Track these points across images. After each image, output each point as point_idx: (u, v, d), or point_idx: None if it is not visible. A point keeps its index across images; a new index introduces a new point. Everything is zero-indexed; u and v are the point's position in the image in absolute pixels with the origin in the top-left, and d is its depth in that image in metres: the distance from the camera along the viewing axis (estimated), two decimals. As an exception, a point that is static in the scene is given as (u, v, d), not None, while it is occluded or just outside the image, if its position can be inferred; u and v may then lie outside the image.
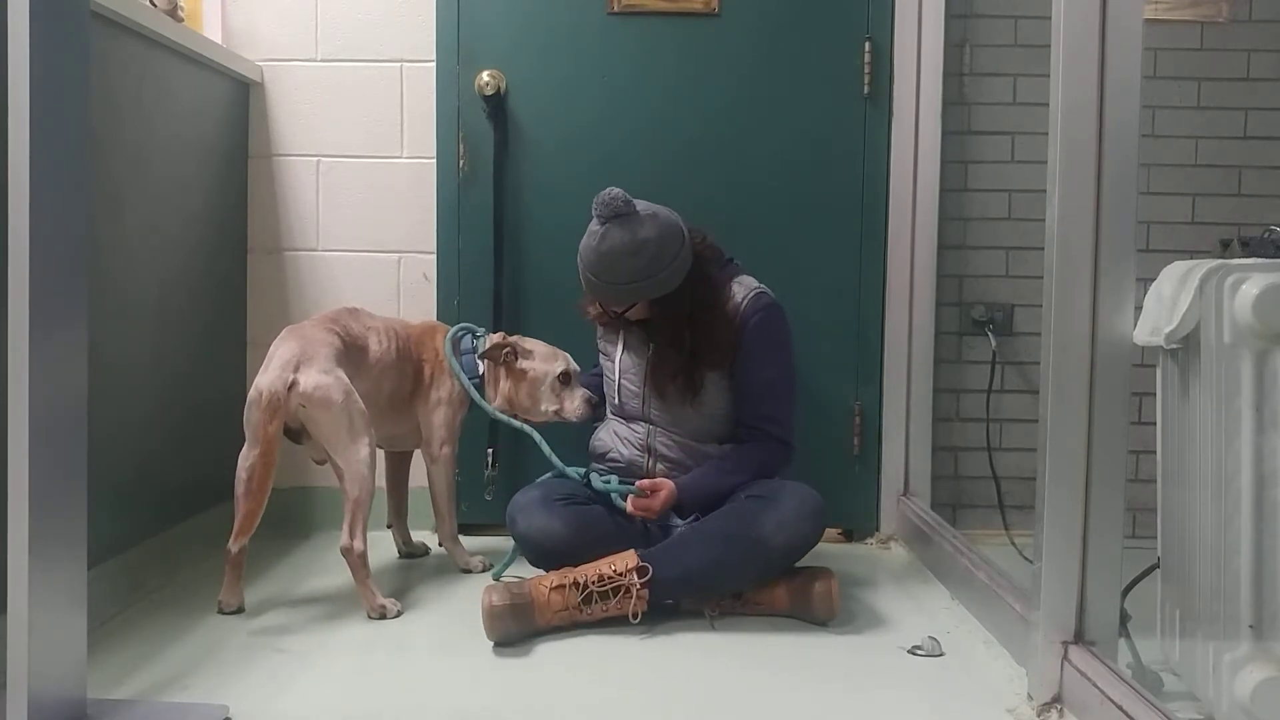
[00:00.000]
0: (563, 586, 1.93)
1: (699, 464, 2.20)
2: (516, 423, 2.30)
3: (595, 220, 2.08)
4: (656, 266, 2.06)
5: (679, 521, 2.19)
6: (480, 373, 2.31)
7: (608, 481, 2.18)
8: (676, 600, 2.02)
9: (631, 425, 2.26)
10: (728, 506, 2.06)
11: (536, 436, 2.25)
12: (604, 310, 2.20)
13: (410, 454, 2.47)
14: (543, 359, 2.30)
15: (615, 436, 2.27)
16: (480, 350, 2.30)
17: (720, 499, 2.11)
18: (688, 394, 2.15)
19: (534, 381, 2.29)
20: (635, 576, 1.93)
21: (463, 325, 2.38)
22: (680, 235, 2.11)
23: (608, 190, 2.07)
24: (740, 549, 1.98)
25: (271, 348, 2.05)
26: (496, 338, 2.32)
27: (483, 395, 2.31)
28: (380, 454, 2.32)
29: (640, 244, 2.04)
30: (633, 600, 1.93)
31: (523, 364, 2.29)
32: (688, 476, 2.15)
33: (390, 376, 2.22)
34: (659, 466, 2.22)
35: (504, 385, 2.31)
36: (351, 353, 2.11)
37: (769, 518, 1.98)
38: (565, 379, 2.29)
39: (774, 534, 1.98)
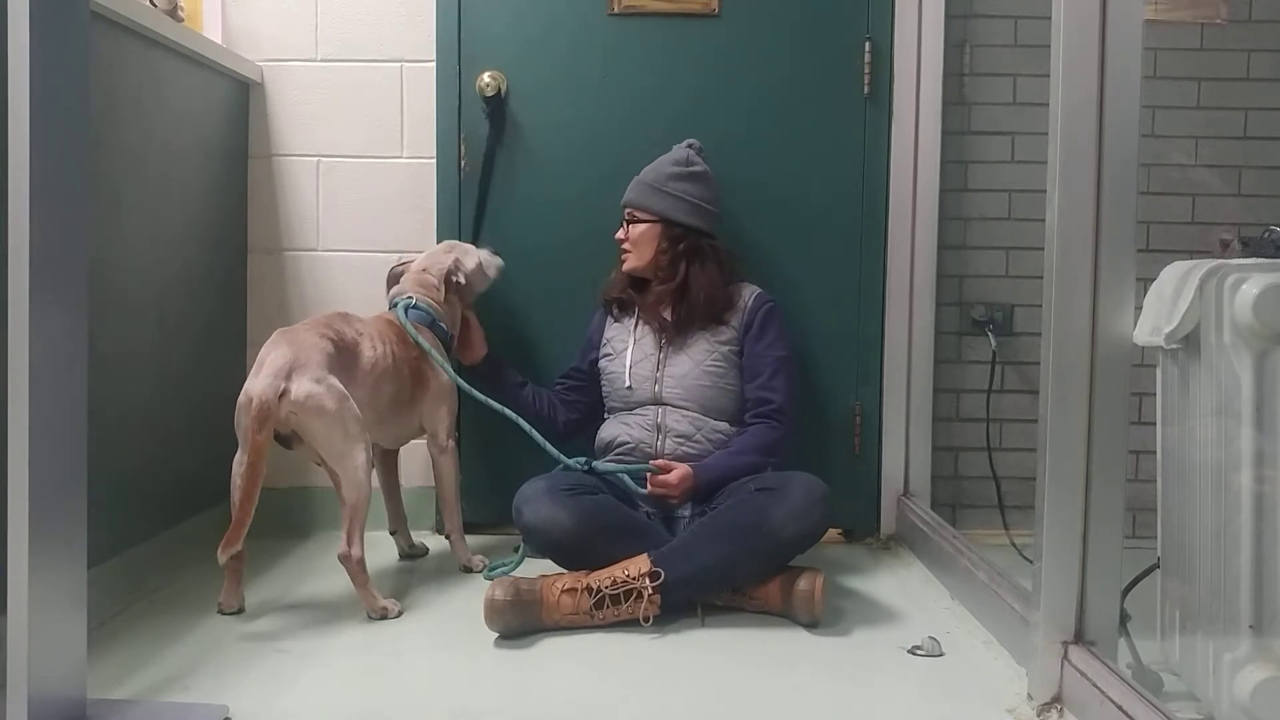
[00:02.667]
0: (574, 590, 1.94)
1: (709, 438, 2.26)
2: (496, 405, 2.28)
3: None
4: (689, 185, 2.32)
5: (684, 513, 2.21)
6: (451, 333, 2.36)
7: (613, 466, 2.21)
8: (691, 600, 2.02)
9: (640, 412, 2.31)
10: (735, 500, 2.07)
11: (524, 425, 2.24)
12: (624, 224, 2.35)
13: (397, 454, 2.46)
14: (446, 253, 2.41)
15: (621, 424, 2.32)
16: (430, 309, 2.32)
17: (733, 479, 2.16)
18: (672, 331, 2.32)
19: (474, 270, 2.40)
20: (648, 581, 1.93)
21: (397, 304, 2.32)
22: (716, 201, 2.37)
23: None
24: (751, 542, 1.99)
25: (262, 351, 2.02)
26: (424, 283, 2.35)
27: (459, 362, 2.38)
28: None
29: (691, 160, 2.35)
30: (644, 604, 1.93)
31: (459, 277, 2.38)
32: (700, 464, 2.20)
33: (390, 380, 2.19)
34: (668, 443, 2.25)
35: (463, 304, 2.40)
36: (344, 358, 2.07)
37: (779, 509, 1.99)
38: (464, 253, 2.42)
39: (785, 525, 1.99)
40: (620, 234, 2.36)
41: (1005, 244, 2.81)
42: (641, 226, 2.32)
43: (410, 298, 2.33)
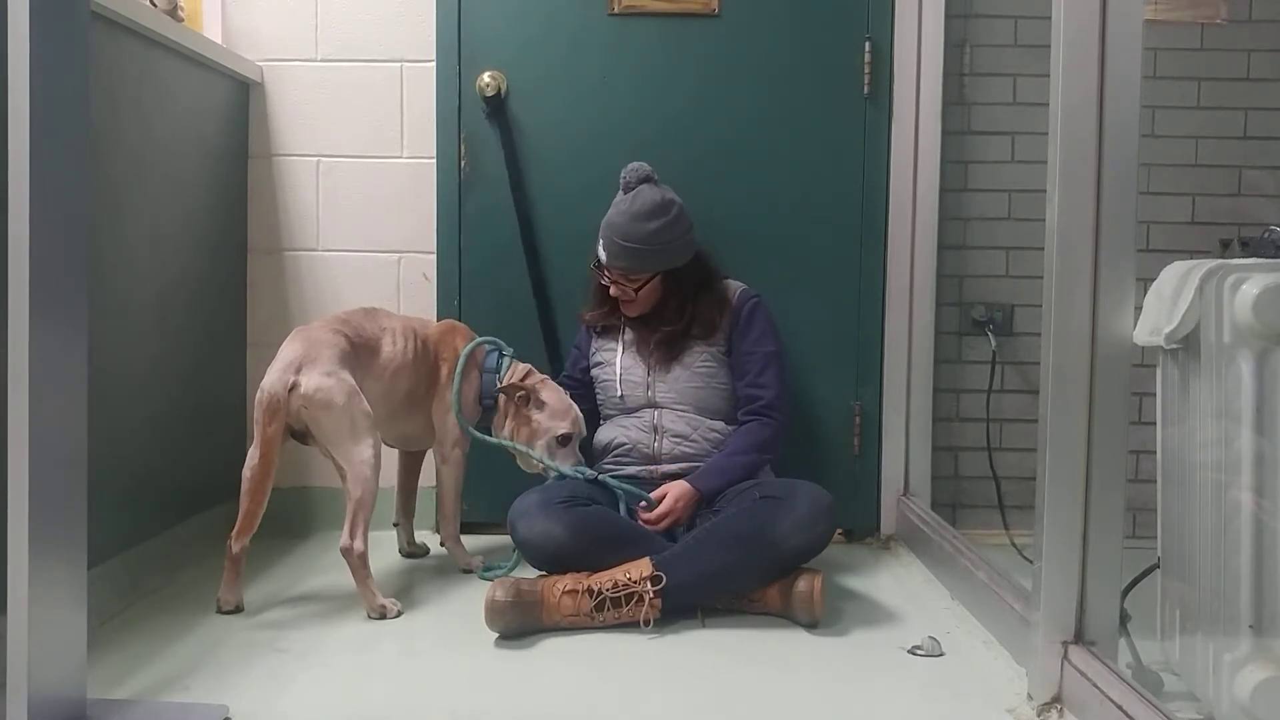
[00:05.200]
0: (575, 591, 1.93)
1: (705, 437, 2.26)
2: (494, 440, 2.28)
3: (623, 189, 2.28)
4: (678, 230, 2.25)
5: None
6: (495, 393, 2.29)
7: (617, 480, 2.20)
8: (691, 605, 2.01)
9: (636, 415, 2.31)
10: (739, 508, 2.06)
11: (522, 447, 2.24)
12: (619, 284, 2.27)
13: (423, 454, 2.47)
14: (551, 415, 2.25)
15: (619, 427, 2.32)
16: (500, 383, 2.27)
17: (734, 481, 2.17)
18: (668, 358, 2.29)
19: (534, 432, 2.25)
20: (649, 585, 1.93)
21: (489, 339, 2.35)
22: (691, 221, 2.30)
23: (633, 162, 2.29)
24: (755, 551, 1.98)
25: (279, 349, 2.06)
26: (521, 371, 2.29)
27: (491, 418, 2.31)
28: (393, 451, 2.32)
29: (668, 203, 2.24)
30: (645, 607, 1.93)
31: (533, 413, 2.25)
32: (697, 474, 2.19)
33: (405, 376, 2.21)
34: (665, 443, 2.26)
35: (508, 420, 2.28)
36: (360, 354, 2.10)
37: (784, 520, 1.98)
38: (564, 440, 2.25)
39: (789, 536, 1.98)
40: (615, 291, 2.29)
41: (1005, 244, 2.81)
42: (645, 286, 2.28)
43: (498, 343, 2.34)
